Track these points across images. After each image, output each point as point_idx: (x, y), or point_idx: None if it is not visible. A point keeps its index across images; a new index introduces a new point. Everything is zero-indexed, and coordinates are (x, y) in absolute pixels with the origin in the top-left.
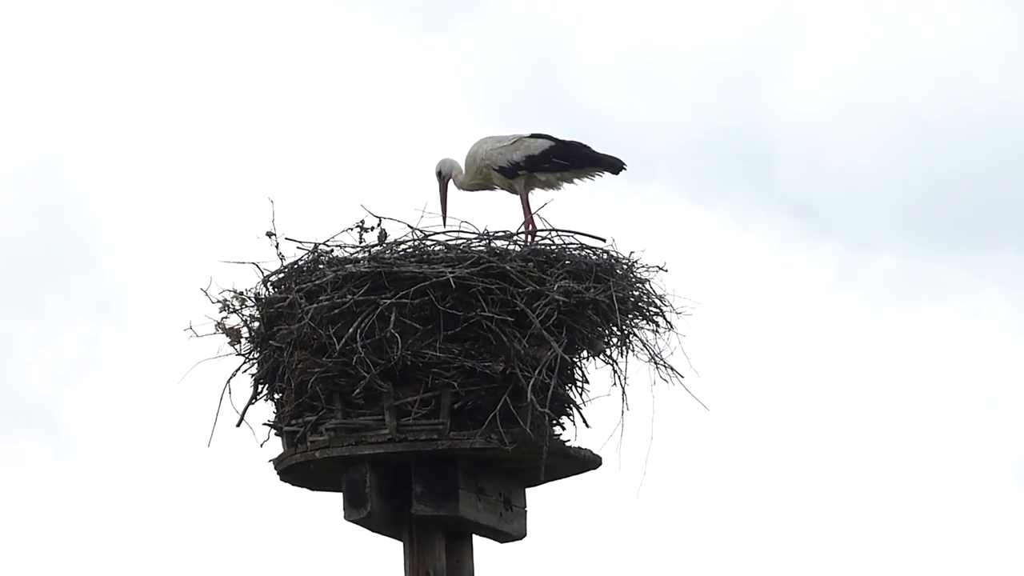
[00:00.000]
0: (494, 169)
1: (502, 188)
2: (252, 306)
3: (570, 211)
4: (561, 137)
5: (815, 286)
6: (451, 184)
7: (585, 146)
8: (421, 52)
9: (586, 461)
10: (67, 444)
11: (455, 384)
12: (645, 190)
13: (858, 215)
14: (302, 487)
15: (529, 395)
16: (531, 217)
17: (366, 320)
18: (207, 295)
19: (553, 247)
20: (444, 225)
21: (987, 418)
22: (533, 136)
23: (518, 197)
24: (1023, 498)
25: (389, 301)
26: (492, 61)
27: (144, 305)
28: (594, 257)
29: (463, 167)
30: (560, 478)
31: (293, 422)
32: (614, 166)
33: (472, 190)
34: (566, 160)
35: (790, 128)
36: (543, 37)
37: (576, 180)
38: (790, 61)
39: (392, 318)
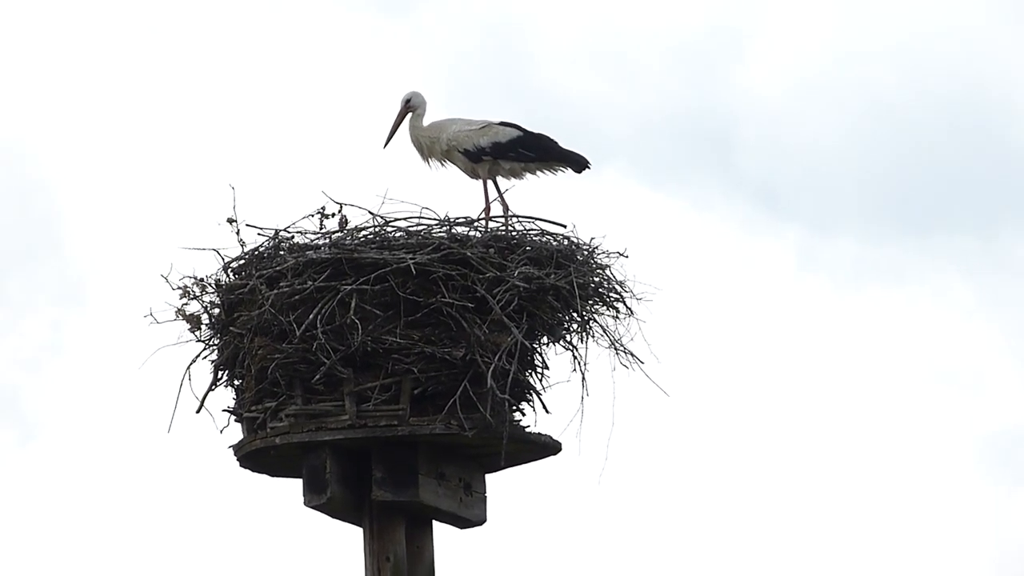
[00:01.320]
0: (459, 151)
1: (463, 171)
2: (212, 292)
3: (528, 196)
4: (530, 129)
5: (776, 270)
6: (409, 120)
7: (552, 140)
8: (380, 35)
9: (546, 447)
10: (31, 430)
11: (415, 370)
12: (603, 173)
13: (819, 198)
14: (262, 473)
15: (489, 381)
16: (490, 203)
17: (327, 306)
18: (168, 281)
19: (514, 233)
20: (384, 147)
21: (948, 399)
22: (502, 124)
23: (479, 182)
24: (984, 477)
25: (350, 287)
26: (451, 44)
27: (105, 291)
28: (555, 243)
29: (426, 126)
30: (520, 464)
31: (253, 408)
32: (579, 164)
33: (419, 145)
34: (532, 152)
35: (750, 111)
36: (503, 19)
37: (539, 172)
38: (751, 43)
39: (352, 304)
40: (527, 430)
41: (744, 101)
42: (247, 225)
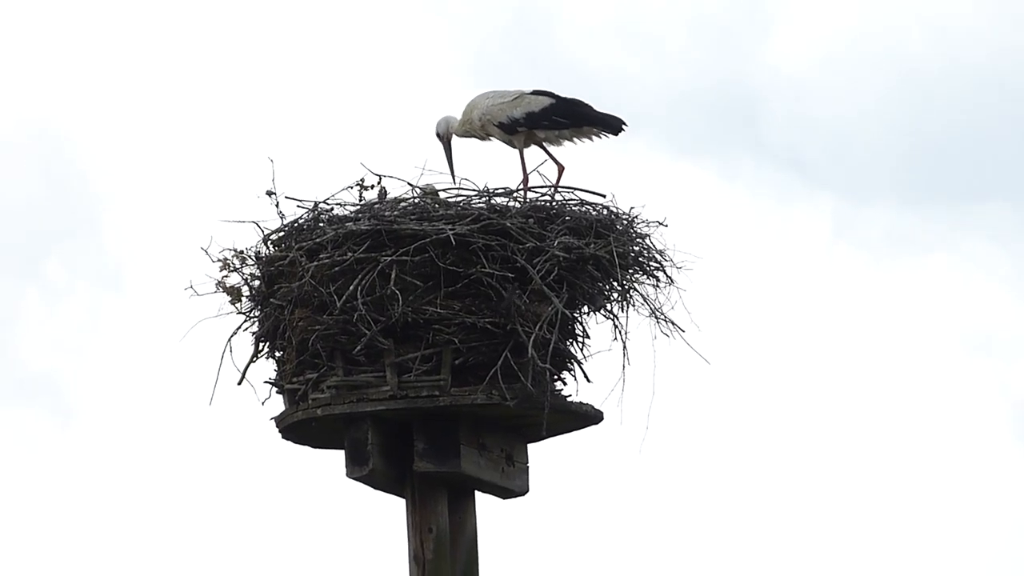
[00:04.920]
0: (494, 124)
1: (502, 143)
2: (253, 264)
3: (567, 168)
4: (563, 95)
5: (809, 240)
6: (453, 139)
7: (586, 105)
8: (408, 8)
9: (588, 416)
10: (70, 410)
11: (456, 340)
12: (634, 145)
13: (849, 169)
14: (304, 445)
15: (530, 351)
16: (528, 175)
17: (367, 277)
18: (207, 254)
19: (553, 203)
20: (455, 182)
21: (982, 366)
22: (535, 93)
23: (517, 152)
24: (1018, 444)
25: (389, 258)
26: (478, 18)
27: (144, 265)
28: (594, 213)
29: (459, 116)
30: (562, 433)
31: (294, 380)
32: (613, 126)
33: (465, 136)
34: (566, 118)
35: (778, 83)
36: None
37: (576, 139)
38: (778, 14)
39: (393, 275)
40: (568, 399)
41: (772, 73)
42: (286, 197)
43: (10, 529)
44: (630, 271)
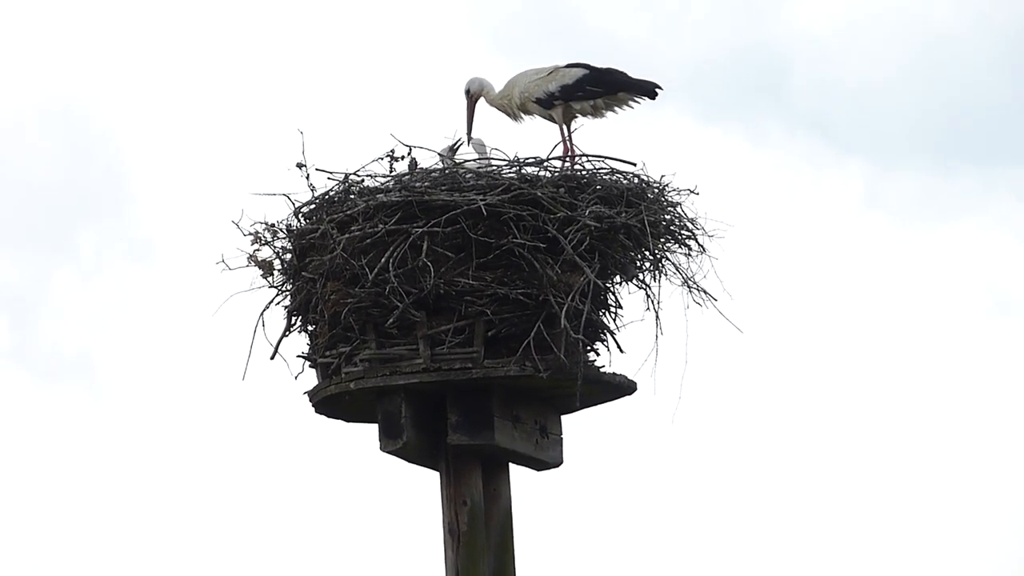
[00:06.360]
0: (532, 101)
1: (543, 118)
2: (284, 238)
3: (596, 136)
4: (597, 65)
5: (839, 205)
6: (480, 102)
7: (619, 72)
8: None
9: (621, 387)
10: (102, 386)
11: (488, 312)
12: (661, 114)
13: (879, 133)
14: (337, 419)
15: (563, 321)
16: (568, 146)
17: (398, 249)
18: (239, 228)
19: (584, 172)
20: (468, 143)
21: (1014, 329)
22: (569, 66)
23: (556, 127)
24: None
25: (421, 230)
26: None
27: (175, 239)
28: (625, 182)
29: (496, 86)
30: (595, 404)
31: (327, 354)
32: (647, 90)
33: (503, 110)
34: (599, 87)
35: (806, 47)
36: None
37: (615, 107)
38: None
39: (424, 247)
40: (602, 370)
41: (799, 37)
42: (317, 169)
43: (42, 505)
44: (662, 240)
